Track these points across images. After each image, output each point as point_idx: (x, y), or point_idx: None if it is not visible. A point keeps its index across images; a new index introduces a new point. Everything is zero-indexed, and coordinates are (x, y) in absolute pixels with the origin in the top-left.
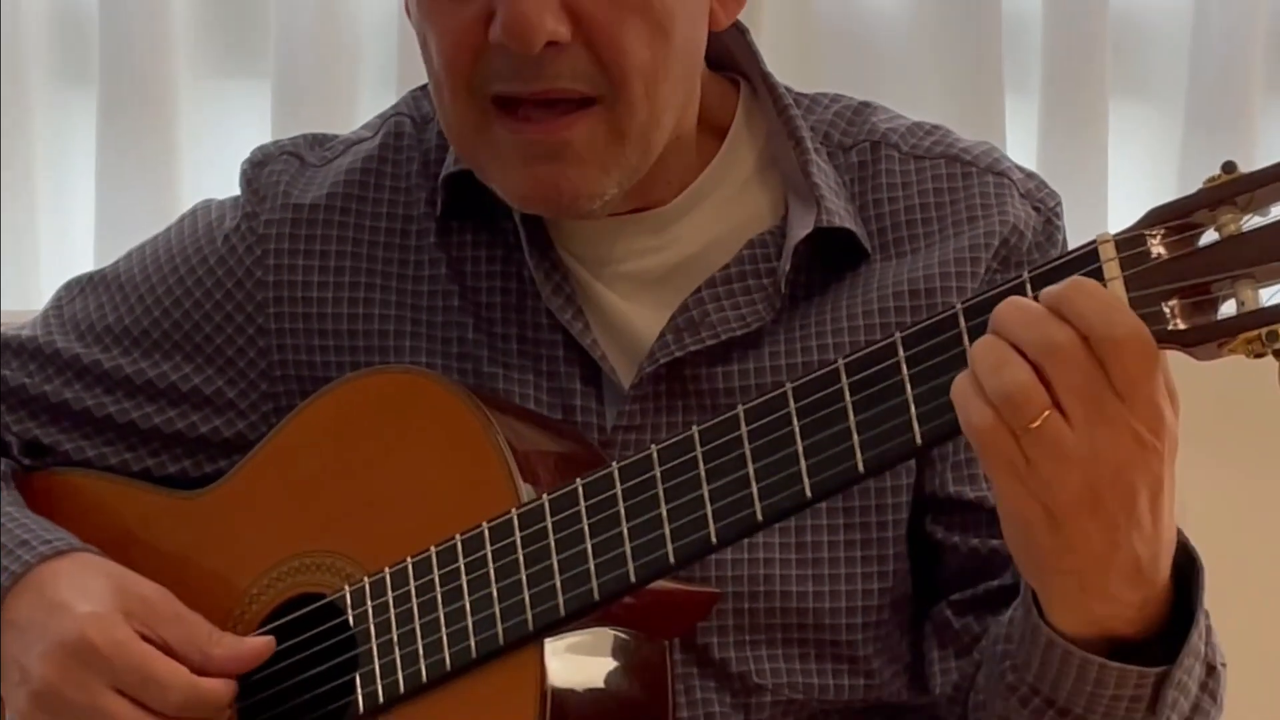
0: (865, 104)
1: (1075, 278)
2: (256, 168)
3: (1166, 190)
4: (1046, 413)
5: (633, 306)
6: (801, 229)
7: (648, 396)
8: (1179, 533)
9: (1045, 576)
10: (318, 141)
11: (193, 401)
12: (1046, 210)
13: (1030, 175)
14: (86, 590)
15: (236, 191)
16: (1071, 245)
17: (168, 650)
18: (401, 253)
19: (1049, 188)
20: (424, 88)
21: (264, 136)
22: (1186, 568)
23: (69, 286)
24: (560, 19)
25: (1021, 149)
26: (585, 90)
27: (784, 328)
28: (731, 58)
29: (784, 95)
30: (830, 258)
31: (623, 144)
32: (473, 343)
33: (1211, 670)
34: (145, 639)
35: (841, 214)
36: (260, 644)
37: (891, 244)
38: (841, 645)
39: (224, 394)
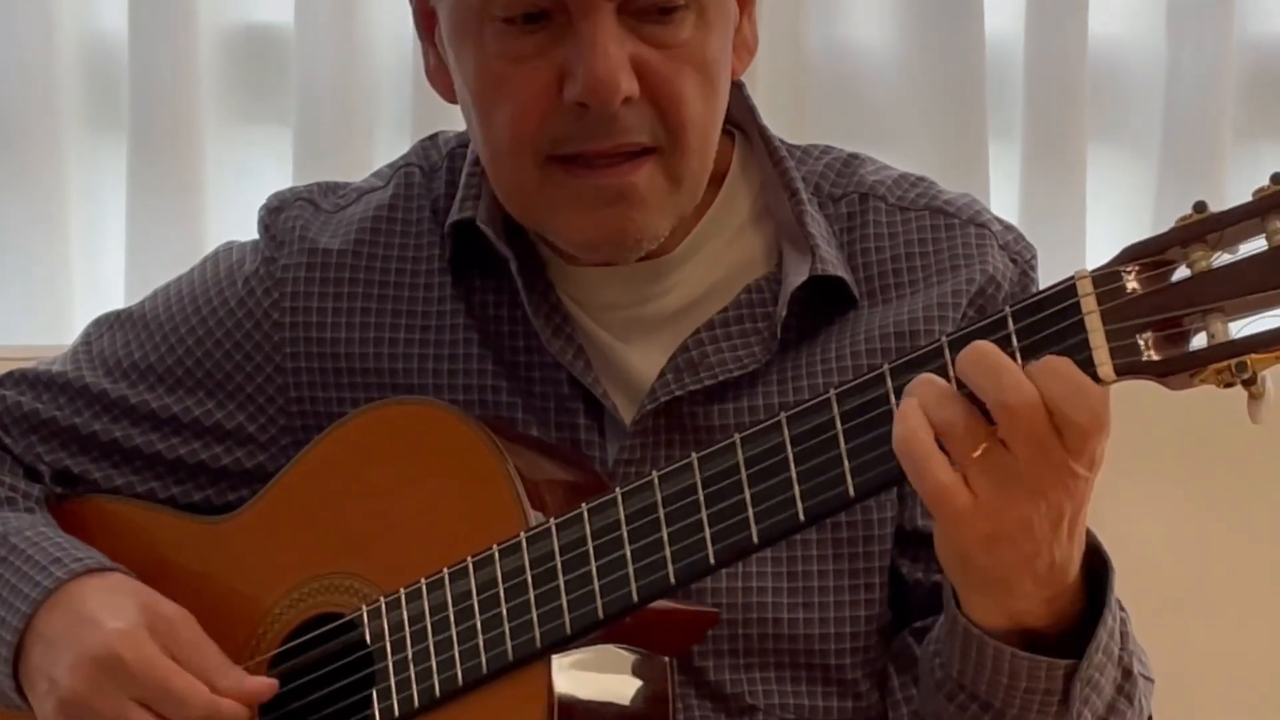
0: (854, 156)
1: (1050, 358)
2: (273, 213)
3: (1142, 230)
4: (984, 446)
5: (633, 349)
6: (797, 276)
7: (647, 432)
8: (1092, 536)
9: (969, 577)
10: (330, 189)
11: (215, 435)
12: (1023, 262)
13: (1009, 228)
14: (114, 607)
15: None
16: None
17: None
18: (412, 290)
19: (1026, 240)
20: (432, 138)
21: (285, 180)
22: (1100, 570)
23: (98, 323)
24: (631, 76)
25: (1005, 192)
26: (648, 142)
27: (778, 369)
28: (728, 110)
29: (779, 148)
30: (821, 303)
31: (679, 189)
32: (491, 374)
33: (1128, 674)
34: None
35: (834, 262)
36: (263, 684)
37: (878, 290)
38: (831, 669)
39: (244, 428)
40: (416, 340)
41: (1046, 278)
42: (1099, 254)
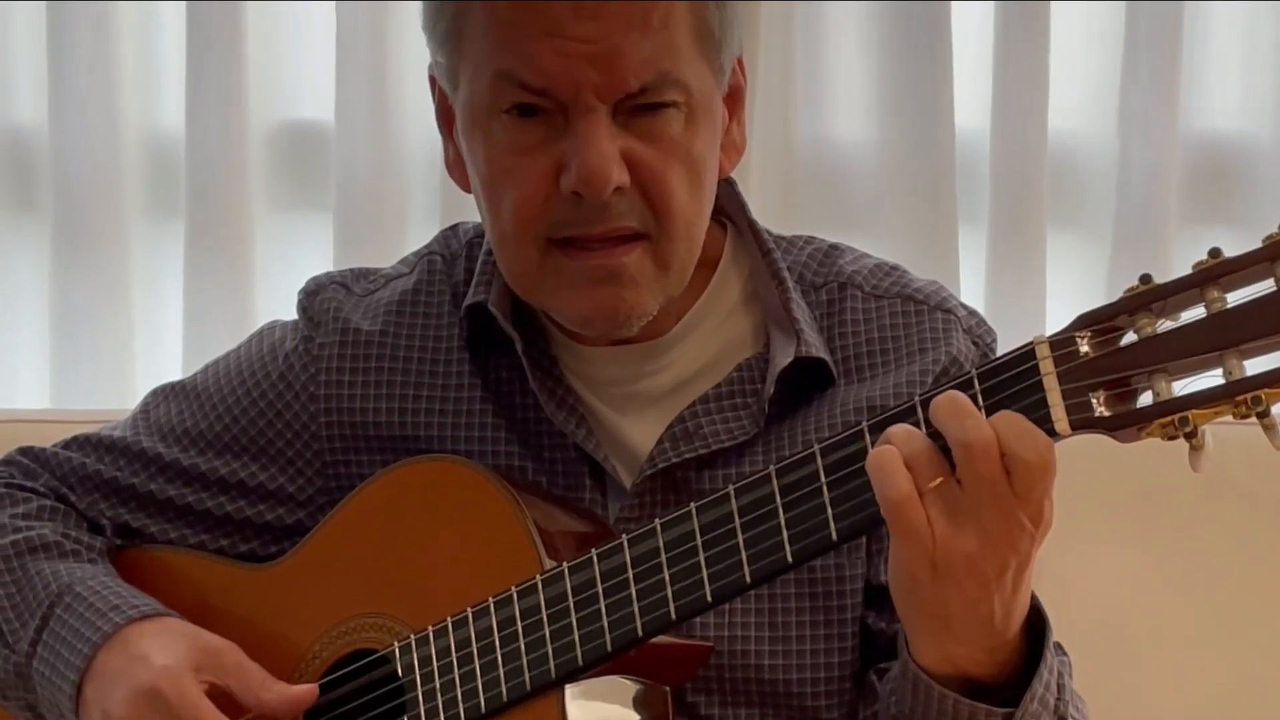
0: (834, 247)
1: (1006, 413)
2: (311, 296)
3: (1096, 304)
4: (941, 479)
5: (630, 420)
6: (784, 358)
7: (646, 493)
8: (1035, 598)
9: (918, 620)
10: (363, 274)
11: (258, 494)
12: (984, 345)
13: (972, 313)
14: (164, 647)
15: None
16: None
17: (230, 694)
18: (434, 366)
19: (987, 325)
20: (454, 228)
21: (326, 260)
22: (1039, 626)
23: (155, 394)
24: (622, 168)
25: (973, 271)
26: (637, 227)
27: (764, 440)
28: (719, 204)
29: (767, 240)
30: (803, 381)
31: (666, 272)
32: (505, 440)
33: None
34: (214, 686)
35: (816, 345)
36: (304, 690)
37: (854, 370)
38: (808, 709)
39: (285, 489)
40: (437, 410)
41: (1010, 347)
42: (1057, 327)
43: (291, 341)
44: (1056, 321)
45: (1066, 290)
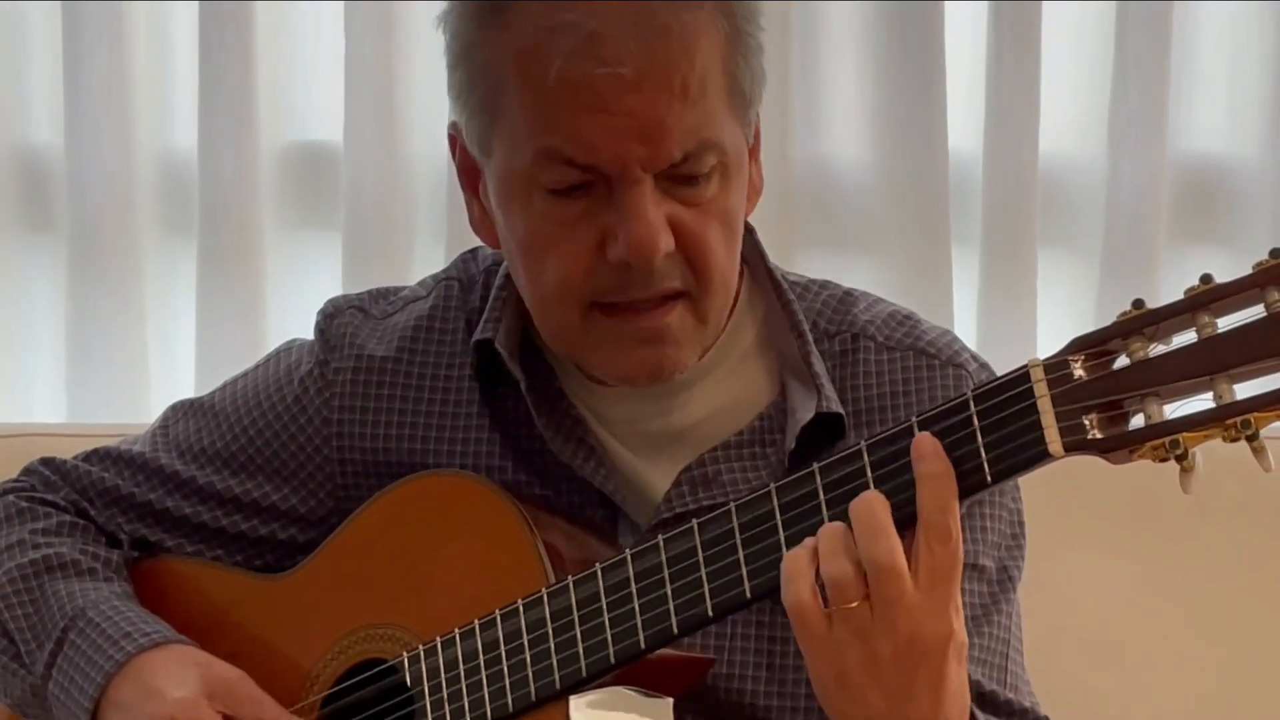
0: (849, 293)
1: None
2: (328, 319)
3: (1086, 324)
4: (857, 602)
5: (641, 459)
6: (804, 412)
7: (656, 530)
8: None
9: (827, 708)
10: (382, 295)
11: (271, 513)
12: None
13: (983, 366)
14: (177, 678)
15: (311, 332)
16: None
17: None
18: (444, 394)
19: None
20: (473, 253)
21: (335, 278)
22: None
23: (174, 409)
24: (669, 235)
25: (966, 289)
26: (680, 287)
27: None
28: None
29: (787, 291)
30: (816, 432)
31: (705, 325)
32: (511, 470)
33: None
34: (226, 717)
35: (834, 399)
36: None
37: (865, 423)
38: None
39: (297, 509)
40: (446, 439)
41: (1002, 365)
42: (1048, 344)
43: (307, 365)
44: (1047, 338)
45: (1057, 308)
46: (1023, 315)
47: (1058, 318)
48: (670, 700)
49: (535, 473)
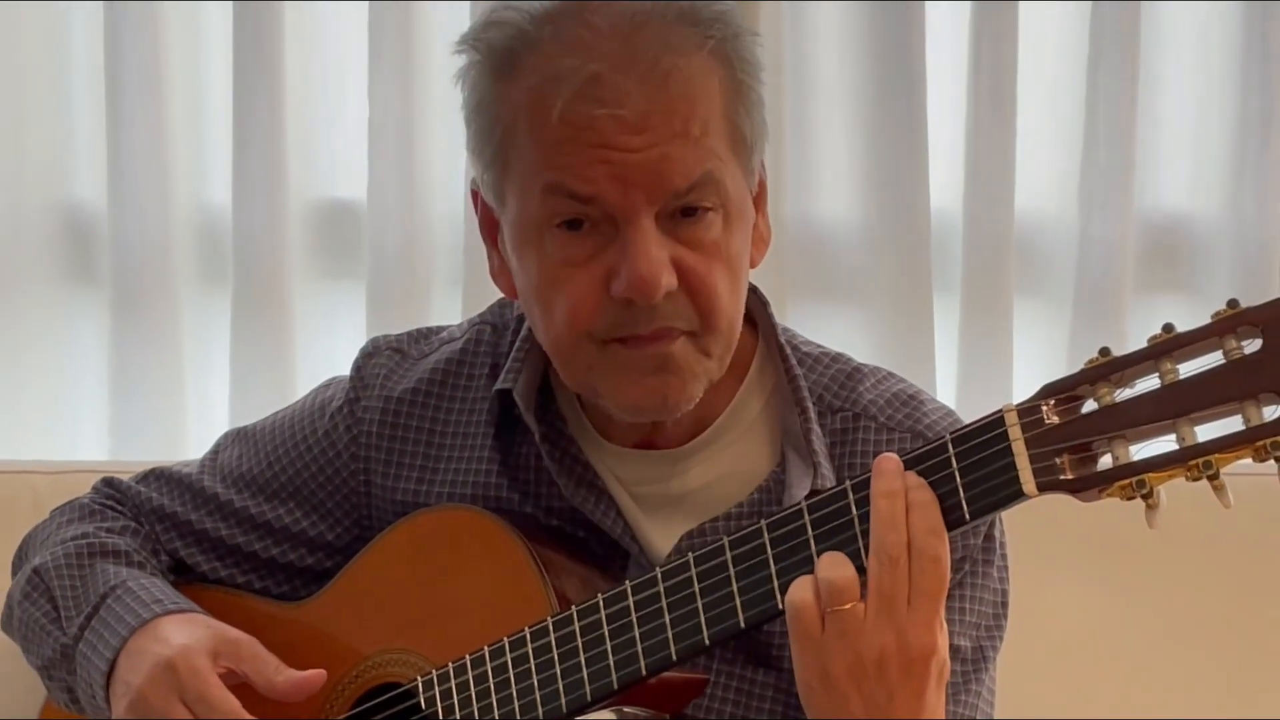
0: (858, 370)
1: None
2: (366, 358)
3: (1058, 369)
4: (850, 604)
5: (646, 517)
6: (800, 489)
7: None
8: None
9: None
10: (422, 336)
11: (299, 540)
12: None
13: None
14: (187, 632)
15: (345, 369)
16: (982, 415)
17: (246, 680)
18: (459, 439)
19: None
20: (509, 300)
21: (360, 325)
22: None
23: (227, 436)
24: (671, 273)
25: (946, 335)
26: (683, 327)
27: None
28: (749, 311)
29: (795, 366)
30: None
31: (709, 359)
32: (518, 504)
33: None
34: (231, 673)
35: (830, 479)
36: (313, 675)
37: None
38: None
39: (324, 536)
40: (459, 482)
41: (979, 407)
42: (1024, 386)
43: (338, 401)
44: (1024, 380)
45: (1032, 352)
46: (1000, 359)
47: (1033, 362)
48: (668, 717)
49: (541, 514)
